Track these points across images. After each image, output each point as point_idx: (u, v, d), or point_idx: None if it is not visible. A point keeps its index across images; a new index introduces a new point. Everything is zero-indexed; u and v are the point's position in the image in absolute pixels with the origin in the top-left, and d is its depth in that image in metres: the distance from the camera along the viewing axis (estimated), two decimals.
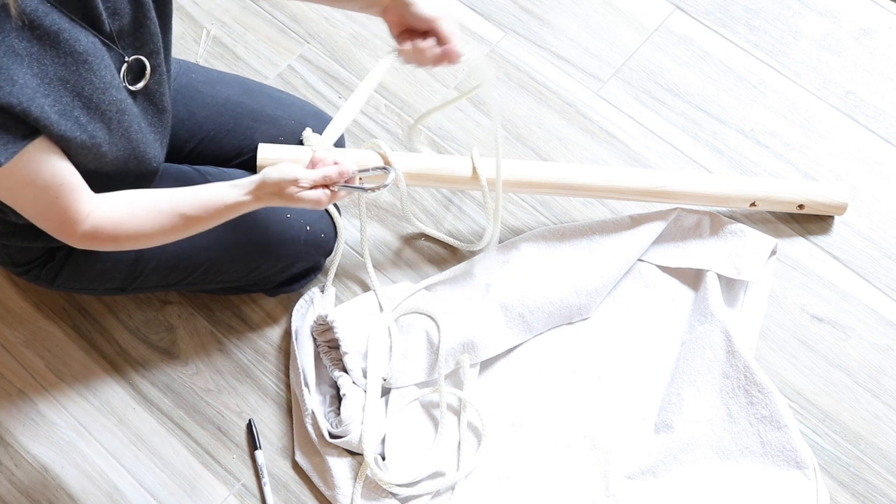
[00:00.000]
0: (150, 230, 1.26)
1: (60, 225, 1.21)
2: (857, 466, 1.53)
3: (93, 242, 1.25)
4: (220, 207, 1.27)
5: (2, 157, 1.08)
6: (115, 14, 1.19)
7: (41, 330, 1.63)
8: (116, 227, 1.24)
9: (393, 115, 1.81)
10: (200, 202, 1.26)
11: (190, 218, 1.26)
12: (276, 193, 1.25)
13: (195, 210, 1.26)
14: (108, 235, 1.24)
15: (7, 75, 1.05)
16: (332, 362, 1.55)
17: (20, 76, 1.07)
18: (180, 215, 1.26)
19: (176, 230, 1.27)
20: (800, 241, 1.69)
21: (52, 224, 1.22)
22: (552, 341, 1.60)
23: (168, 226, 1.26)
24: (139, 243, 1.28)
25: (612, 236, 1.65)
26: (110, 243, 1.26)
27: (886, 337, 1.62)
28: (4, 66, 1.05)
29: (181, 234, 1.29)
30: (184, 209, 1.26)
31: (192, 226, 1.28)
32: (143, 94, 1.29)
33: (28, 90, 1.07)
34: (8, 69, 1.05)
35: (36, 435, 1.56)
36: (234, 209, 1.27)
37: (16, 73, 1.06)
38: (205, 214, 1.27)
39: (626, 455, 1.51)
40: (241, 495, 1.52)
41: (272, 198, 1.26)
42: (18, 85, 1.06)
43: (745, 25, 1.89)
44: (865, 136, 1.78)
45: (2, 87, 1.05)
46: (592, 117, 1.80)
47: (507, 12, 1.91)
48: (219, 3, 1.92)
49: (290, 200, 1.26)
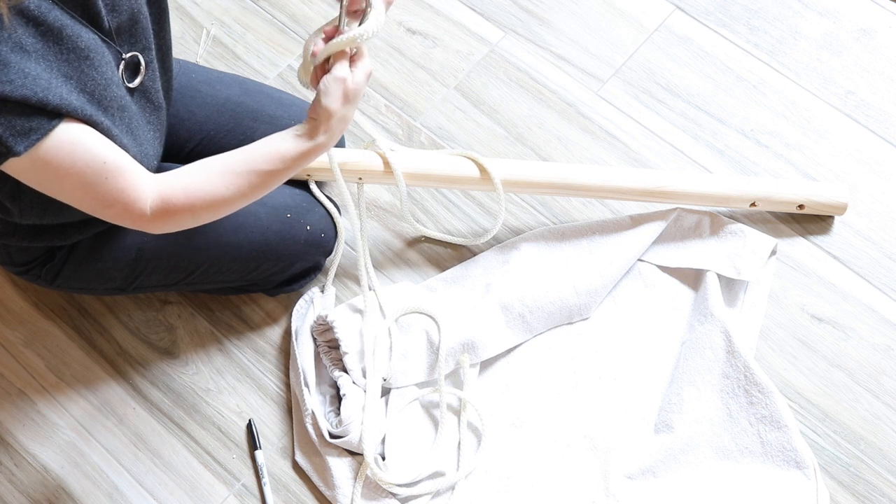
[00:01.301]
0: (227, 193, 1.21)
1: (125, 210, 1.17)
2: (857, 466, 1.53)
3: (169, 219, 1.20)
4: (297, 155, 1.22)
5: (21, 146, 1.06)
6: (114, 11, 1.19)
7: (41, 330, 1.63)
8: (189, 194, 1.19)
9: (393, 115, 1.81)
10: (277, 153, 1.22)
11: (269, 173, 1.21)
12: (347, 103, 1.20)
13: (272, 163, 1.21)
14: (182, 206, 1.19)
15: (18, 69, 1.04)
16: (332, 362, 1.55)
17: (31, 68, 1.06)
18: (257, 172, 1.21)
19: (255, 189, 1.22)
20: (800, 241, 1.69)
21: (115, 210, 1.17)
22: (552, 341, 1.60)
23: (246, 186, 1.21)
24: (217, 210, 1.22)
25: (612, 236, 1.65)
26: (188, 216, 1.21)
27: (886, 337, 1.62)
28: (13, 62, 1.04)
29: (259, 193, 1.24)
30: (260, 164, 1.21)
31: (273, 181, 1.23)
32: (140, 91, 1.29)
33: (42, 81, 1.06)
34: (17, 63, 1.05)
35: (36, 435, 1.56)
36: (312, 154, 1.23)
37: (26, 66, 1.05)
38: (283, 166, 1.22)
39: (626, 455, 1.51)
40: (241, 495, 1.52)
41: (349, 113, 1.21)
42: (31, 77, 1.05)
43: (745, 25, 1.89)
44: (865, 136, 1.78)
45: (13, 80, 1.04)
46: (592, 117, 1.80)
47: (507, 12, 1.91)
48: (219, 3, 1.92)
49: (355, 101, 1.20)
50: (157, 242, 1.44)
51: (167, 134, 1.52)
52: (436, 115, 1.80)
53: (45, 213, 1.28)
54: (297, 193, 1.55)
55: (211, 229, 1.46)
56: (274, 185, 1.24)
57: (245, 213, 1.48)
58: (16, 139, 1.06)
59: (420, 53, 1.86)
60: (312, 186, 1.59)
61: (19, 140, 1.06)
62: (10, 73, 1.04)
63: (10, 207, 1.26)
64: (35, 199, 1.25)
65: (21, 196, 1.24)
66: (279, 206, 1.51)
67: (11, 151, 1.06)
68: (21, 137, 1.06)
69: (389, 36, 1.88)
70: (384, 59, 1.86)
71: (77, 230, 1.37)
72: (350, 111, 1.21)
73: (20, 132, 1.06)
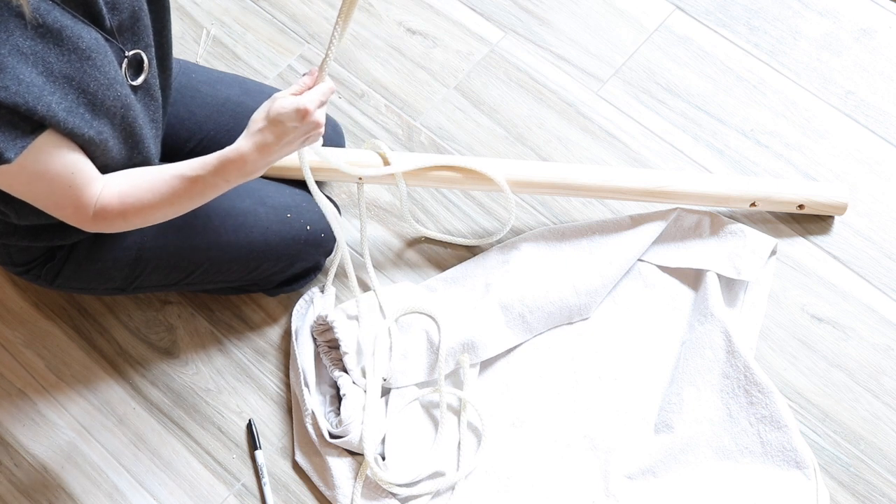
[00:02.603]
0: (153, 198, 1.22)
1: (74, 212, 1.21)
2: (857, 466, 1.53)
3: (103, 223, 1.23)
4: (222, 162, 1.21)
5: (11, 153, 1.08)
6: (115, 9, 1.20)
7: (41, 330, 1.63)
8: (122, 201, 1.22)
9: (393, 115, 1.81)
10: (200, 162, 1.22)
11: (191, 179, 1.22)
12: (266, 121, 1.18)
13: (194, 170, 1.22)
14: (115, 212, 1.22)
15: (13, 74, 1.06)
16: (332, 362, 1.55)
17: (26, 75, 1.07)
18: (181, 177, 1.22)
19: (179, 196, 1.23)
20: (800, 241, 1.69)
21: (65, 212, 1.21)
22: (552, 341, 1.60)
23: (169, 192, 1.22)
24: (146, 216, 1.24)
25: (612, 236, 1.65)
26: (119, 220, 1.24)
27: (886, 337, 1.62)
28: (10, 66, 1.05)
29: (186, 201, 1.24)
30: (184, 171, 1.22)
31: (196, 189, 1.23)
32: (144, 89, 1.29)
33: (35, 88, 1.07)
34: (13, 68, 1.06)
35: (36, 435, 1.56)
36: (231, 164, 1.21)
37: (21, 72, 1.06)
38: (204, 172, 1.21)
39: (626, 455, 1.51)
40: (241, 495, 1.52)
41: (267, 133, 1.19)
42: (25, 84, 1.07)
43: (745, 25, 1.89)
44: (865, 136, 1.78)
45: (8, 86, 1.05)
46: (592, 117, 1.80)
47: (507, 12, 1.91)
48: (219, 3, 1.92)
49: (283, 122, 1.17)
50: (156, 242, 1.44)
51: (167, 134, 1.52)
52: (436, 115, 1.80)
53: (43, 214, 1.28)
54: (297, 193, 1.55)
55: (211, 229, 1.46)
56: (197, 195, 1.23)
57: (245, 212, 1.48)
58: (6, 145, 1.08)
59: (420, 53, 1.86)
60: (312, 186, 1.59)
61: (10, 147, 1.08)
62: (6, 79, 1.05)
63: (6, 210, 1.27)
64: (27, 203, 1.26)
65: (14, 199, 1.25)
66: (279, 206, 1.51)
67: (2, 158, 1.08)
68: (10, 144, 1.08)
69: (389, 36, 1.88)
70: (384, 59, 1.86)
71: (77, 230, 1.37)
72: (273, 136, 1.19)
73: (9, 138, 1.08)
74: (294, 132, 1.19)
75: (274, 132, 1.19)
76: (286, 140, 1.20)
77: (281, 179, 1.57)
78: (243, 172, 1.22)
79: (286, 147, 1.21)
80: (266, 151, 1.20)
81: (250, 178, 1.24)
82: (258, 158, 1.21)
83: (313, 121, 1.19)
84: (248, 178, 1.23)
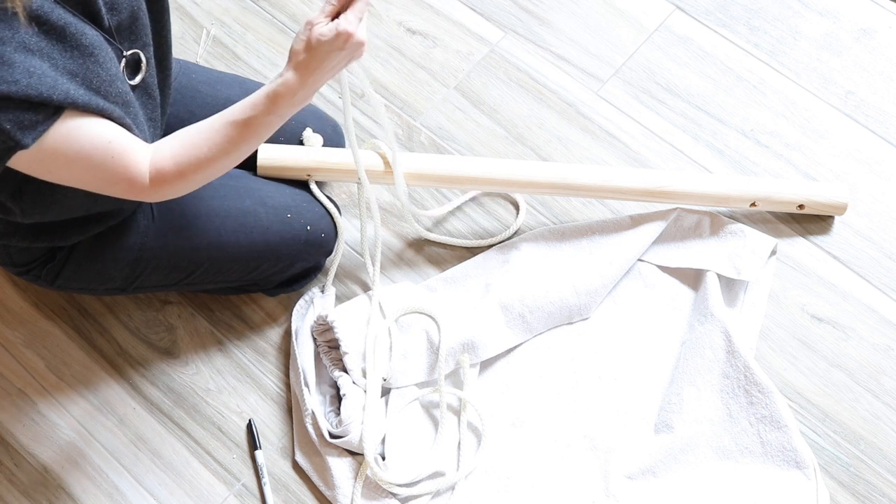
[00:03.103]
0: (209, 151, 1.21)
1: (130, 184, 1.20)
2: (857, 466, 1.53)
3: (164, 187, 1.22)
4: (271, 98, 1.20)
5: (28, 139, 1.08)
6: (114, 9, 1.20)
7: (41, 330, 1.63)
8: (176, 161, 1.21)
9: (393, 115, 1.81)
10: (249, 103, 1.21)
11: (244, 122, 1.21)
12: (308, 51, 1.18)
13: (244, 112, 1.21)
14: (172, 173, 1.21)
15: (23, 68, 1.06)
16: (332, 362, 1.55)
17: (37, 67, 1.07)
18: (233, 123, 1.21)
19: (235, 142, 1.22)
20: (800, 241, 1.69)
21: (121, 187, 1.20)
22: (552, 341, 1.60)
23: (224, 141, 1.21)
24: (206, 171, 1.23)
25: (612, 236, 1.65)
26: (179, 181, 1.23)
27: (886, 337, 1.62)
28: (18, 61, 1.05)
29: (242, 146, 1.23)
30: (235, 115, 1.21)
31: (251, 131, 1.22)
32: (141, 89, 1.29)
33: (47, 78, 1.08)
34: (22, 63, 1.06)
35: (36, 435, 1.56)
36: (281, 97, 1.20)
37: (32, 65, 1.07)
38: (255, 112, 1.21)
39: (626, 455, 1.51)
40: (241, 495, 1.52)
41: (311, 61, 1.18)
42: (37, 75, 1.07)
43: (745, 25, 1.89)
44: (865, 136, 1.78)
45: (18, 80, 1.05)
46: (592, 117, 1.80)
47: (507, 12, 1.91)
48: (219, 3, 1.92)
49: (326, 49, 1.17)
50: (156, 242, 1.44)
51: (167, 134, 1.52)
52: (436, 115, 1.80)
53: (47, 211, 1.28)
54: (297, 193, 1.55)
55: (211, 229, 1.46)
56: (252, 136, 1.23)
57: (245, 213, 1.48)
58: (23, 132, 1.08)
59: (420, 53, 1.86)
60: (312, 186, 1.59)
61: (26, 133, 1.08)
62: (16, 73, 1.05)
63: (12, 207, 1.27)
64: (36, 198, 1.25)
65: (22, 196, 1.25)
66: (279, 206, 1.51)
67: (20, 144, 1.08)
68: (28, 130, 1.08)
69: (389, 36, 1.88)
70: (384, 59, 1.86)
71: (77, 230, 1.37)
72: (316, 62, 1.18)
73: (27, 125, 1.08)
74: (338, 56, 1.19)
75: (318, 59, 1.19)
76: (332, 65, 1.20)
77: (281, 179, 1.57)
78: (293, 103, 1.22)
79: (332, 71, 1.21)
80: (313, 79, 1.20)
81: (301, 107, 1.23)
82: (307, 86, 1.21)
83: (357, 41, 1.18)
84: (298, 107, 1.23)
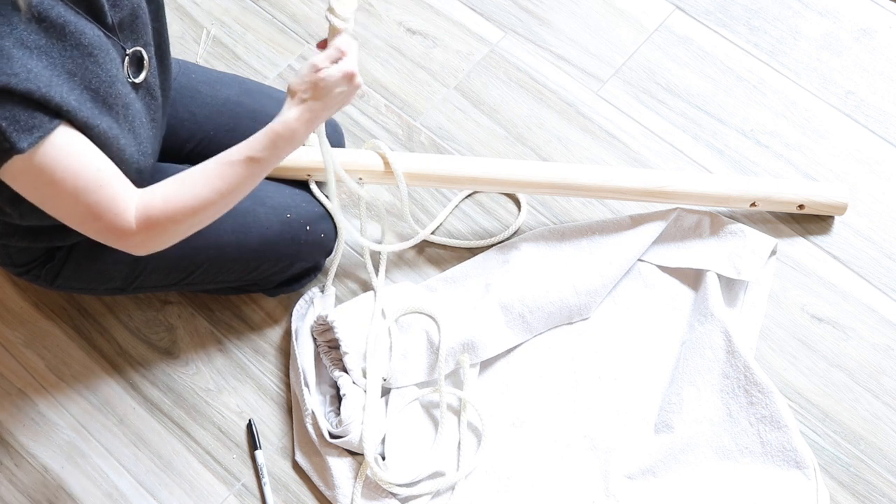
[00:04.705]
0: (205, 192, 1.18)
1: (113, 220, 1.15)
2: (857, 466, 1.53)
3: (151, 232, 1.18)
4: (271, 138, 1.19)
5: (24, 143, 1.05)
6: (116, 6, 1.19)
7: (41, 330, 1.63)
8: (168, 202, 1.17)
9: (393, 115, 1.81)
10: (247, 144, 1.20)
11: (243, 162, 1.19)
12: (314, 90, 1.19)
13: (243, 153, 1.19)
14: (162, 216, 1.17)
15: (22, 64, 1.05)
16: (332, 362, 1.55)
17: (33, 65, 1.06)
18: (231, 163, 1.19)
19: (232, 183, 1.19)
20: (800, 241, 1.69)
21: (104, 222, 1.15)
22: (552, 341, 1.60)
23: (221, 181, 1.19)
24: (199, 215, 1.20)
25: (612, 236, 1.65)
26: (170, 225, 1.18)
27: (886, 337, 1.62)
28: (16, 56, 1.04)
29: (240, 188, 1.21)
30: (232, 156, 1.20)
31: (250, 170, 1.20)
32: (144, 87, 1.29)
33: (44, 78, 1.07)
34: (20, 59, 1.05)
35: (36, 435, 1.56)
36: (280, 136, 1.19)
37: (28, 63, 1.06)
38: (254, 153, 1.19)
39: (626, 455, 1.51)
40: (241, 495, 1.52)
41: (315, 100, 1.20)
42: (34, 73, 1.06)
43: (745, 25, 1.89)
44: (865, 136, 1.78)
45: (18, 74, 1.04)
46: (592, 117, 1.80)
47: (507, 12, 1.91)
48: (219, 3, 1.92)
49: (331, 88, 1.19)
50: None
51: (167, 134, 1.52)
52: (436, 115, 1.80)
53: (45, 215, 1.28)
54: (297, 193, 1.55)
55: (211, 229, 1.46)
56: (249, 177, 1.21)
57: (245, 213, 1.48)
58: (19, 135, 1.06)
59: (420, 53, 1.86)
60: (312, 186, 1.59)
61: (23, 136, 1.06)
62: (15, 66, 1.04)
63: (11, 212, 1.26)
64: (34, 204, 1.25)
65: (21, 201, 1.24)
66: (279, 206, 1.51)
67: (15, 148, 1.06)
68: (25, 133, 1.06)
69: (389, 36, 1.88)
70: (384, 59, 1.86)
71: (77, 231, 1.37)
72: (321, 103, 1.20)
73: (24, 128, 1.06)
74: (341, 95, 1.21)
75: (320, 98, 1.20)
76: (333, 104, 1.22)
77: (281, 179, 1.57)
78: (293, 143, 1.22)
79: (331, 110, 1.23)
80: (313, 118, 1.22)
81: (297, 147, 1.24)
82: (306, 126, 1.22)
83: (357, 82, 1.21)
84: (296, 148, 1.23)
